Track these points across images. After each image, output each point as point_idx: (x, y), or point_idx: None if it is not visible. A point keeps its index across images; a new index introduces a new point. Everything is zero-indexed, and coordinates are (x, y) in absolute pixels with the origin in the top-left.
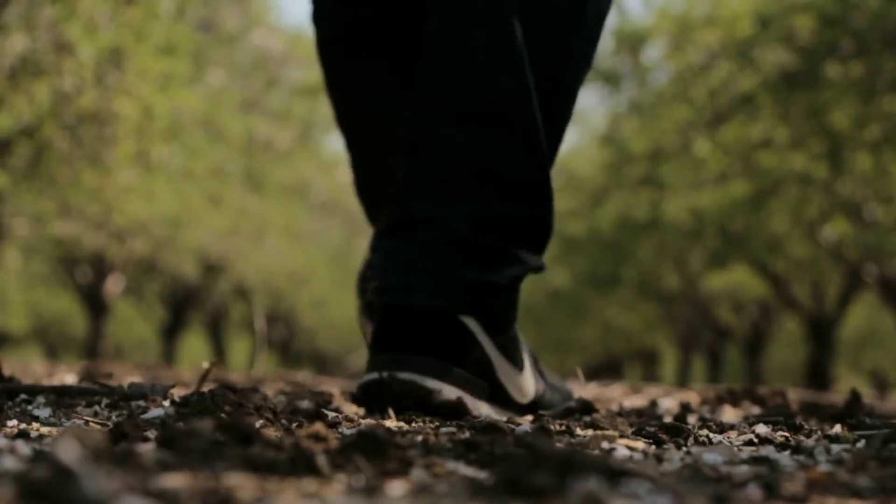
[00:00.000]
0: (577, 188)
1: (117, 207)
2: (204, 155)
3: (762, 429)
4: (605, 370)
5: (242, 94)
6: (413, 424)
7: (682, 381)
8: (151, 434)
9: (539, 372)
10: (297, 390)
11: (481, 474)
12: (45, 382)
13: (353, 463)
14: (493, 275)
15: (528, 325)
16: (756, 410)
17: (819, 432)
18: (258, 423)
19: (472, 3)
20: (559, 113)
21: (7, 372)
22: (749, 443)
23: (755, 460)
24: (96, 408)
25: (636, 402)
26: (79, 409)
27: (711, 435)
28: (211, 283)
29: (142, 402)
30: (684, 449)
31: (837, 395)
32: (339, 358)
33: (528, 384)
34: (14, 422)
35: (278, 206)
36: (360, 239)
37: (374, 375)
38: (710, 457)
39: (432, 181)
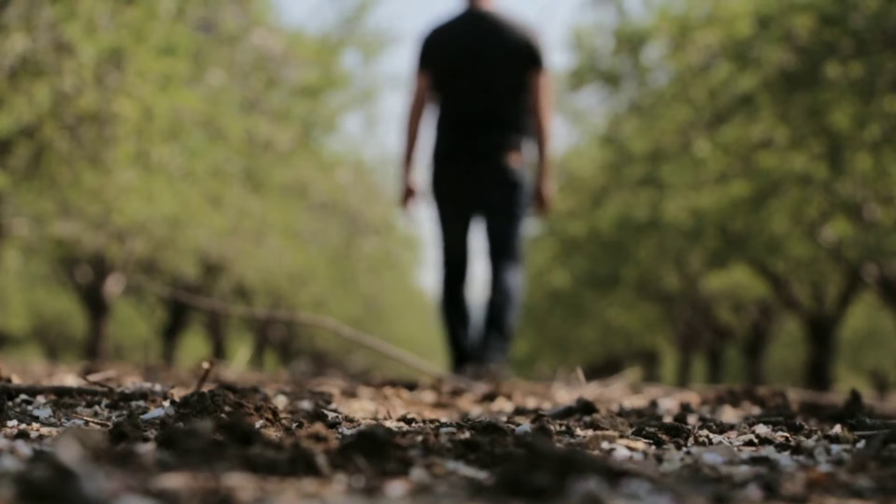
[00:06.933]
0: (577, 188)
1: (117, 208)
2: (204, 155)
3: (762, 429)
4: (605, 370)
5: (242, 94)
6: (413, 424)
7: (682, 381)
8: (151, 434)
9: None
10: (297, 390)
11: (481, 474)
12: (45, 383)
13: (353, 463)
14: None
15: (528, 325)
16: (756, 410)
17: (819, 432)
18: (258, 423)
19: (505, 299)
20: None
21: (7, 372)
22: (749, 443)
23: (755, 460)
24: (96, 408)
25: (636, 402)
26: (79, 409)
27: (711, 435)
28: (211, 283)
29: (142, 402)
30: (684, 449)
31: (837, 396)
32: (338, 358)
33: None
34: (14, 422)
35: (278, 207)
36: (359, 239)
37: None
38: (710, 457)
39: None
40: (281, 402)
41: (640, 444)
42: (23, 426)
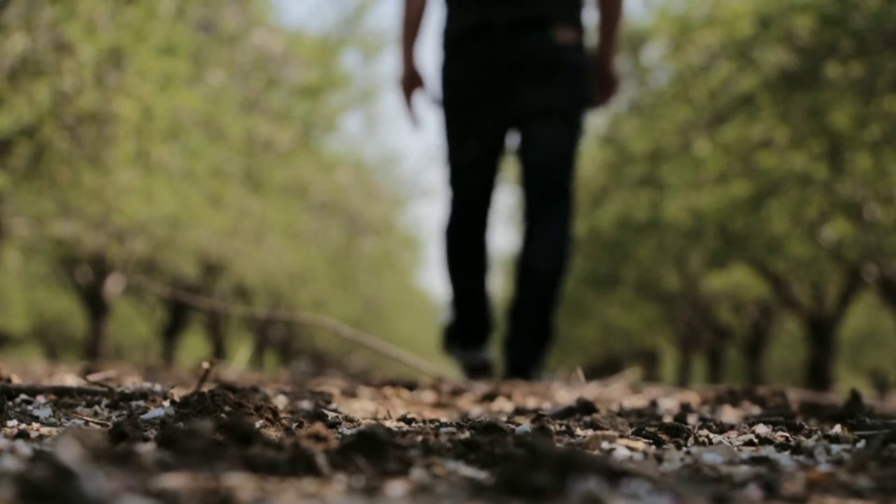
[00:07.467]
0: (577, 188)
1: (117, 208)
2: (204, 155)
3: (762, 429)
4: (605, 370)
5: (242, 94)
6: (413, 424)
7: (682, 381)
8: (151, 434)
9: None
10: (297, 390)
11: (481, 474)
12: (45, 383)
13: (353, 463)
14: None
15: None
16: (756, 410)
17: (819, 432)
18: (258, 423)
19: (549, 242)
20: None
21: (7, 372)
22: (749, 443)
23: (755, 460)
24: (96, 408)
25: (636, 402)
26: (79, 409)
27: (711, 435)
28: (211, 283)
29: (142, 402)
30: (684, 449)
31: (837, 396)
32: (338, 358)
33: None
34: (14, 422)
35: (278, 206)
36: (359, 239)
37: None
38: (710, 457)
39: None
40: (281, 402)
41: (640, 444)
42: (23, 426)
